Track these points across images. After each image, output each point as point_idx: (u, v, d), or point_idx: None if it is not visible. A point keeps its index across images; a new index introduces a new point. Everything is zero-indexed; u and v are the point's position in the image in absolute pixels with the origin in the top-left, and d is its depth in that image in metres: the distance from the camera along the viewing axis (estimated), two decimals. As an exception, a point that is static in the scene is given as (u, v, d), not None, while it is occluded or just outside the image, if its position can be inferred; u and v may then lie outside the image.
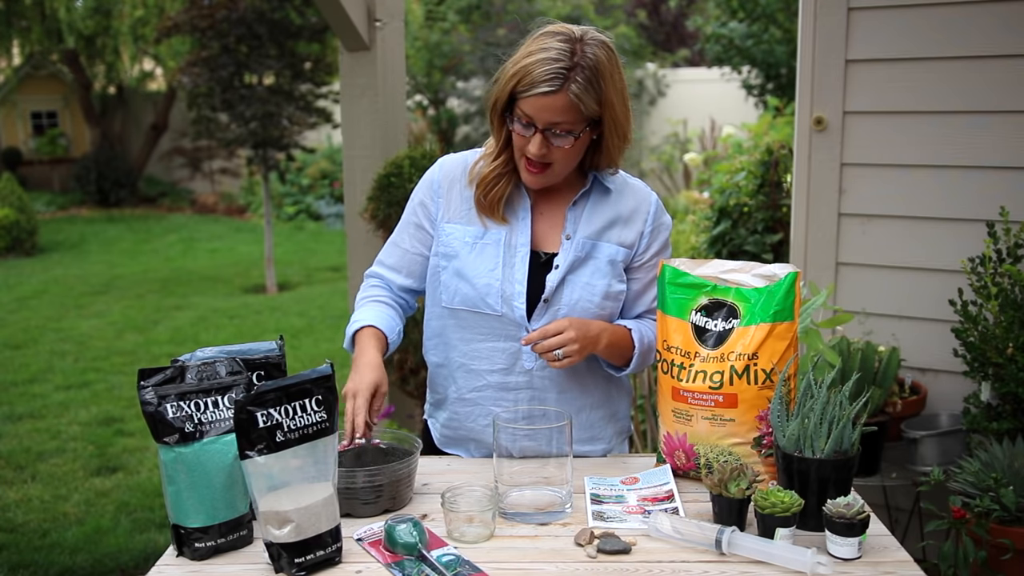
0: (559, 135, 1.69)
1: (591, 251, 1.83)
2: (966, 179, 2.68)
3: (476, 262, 1.81)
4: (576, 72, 1.64)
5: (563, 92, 1.64)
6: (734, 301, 1.71)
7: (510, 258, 1.81)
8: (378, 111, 3.77)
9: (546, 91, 1.64)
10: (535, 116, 1.67)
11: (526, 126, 1.69)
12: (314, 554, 1.42)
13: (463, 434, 1.93)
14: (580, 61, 1.65)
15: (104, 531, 3.70)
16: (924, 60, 2.70)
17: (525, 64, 1.66)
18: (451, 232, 1.85)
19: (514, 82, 1.67)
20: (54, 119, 15.86)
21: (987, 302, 2.41)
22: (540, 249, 1.83)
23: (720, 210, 3.73)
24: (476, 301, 1.81)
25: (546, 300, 1.81)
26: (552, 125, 1.68)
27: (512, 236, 1.82)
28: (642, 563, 1.45)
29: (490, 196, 1.81)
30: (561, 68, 1.64)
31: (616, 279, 1.84)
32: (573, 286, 1.81)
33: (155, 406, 1.46)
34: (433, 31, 11.61)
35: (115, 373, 6.01)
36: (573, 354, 1.74)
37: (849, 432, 1.54)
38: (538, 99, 1.65)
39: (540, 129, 1.68)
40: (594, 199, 1.86)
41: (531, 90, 1.65)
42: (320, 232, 11.81)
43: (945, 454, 2.54)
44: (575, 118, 1.68)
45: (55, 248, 10.88)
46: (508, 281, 1.80)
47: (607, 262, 1.83)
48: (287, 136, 8.30)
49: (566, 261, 1.81)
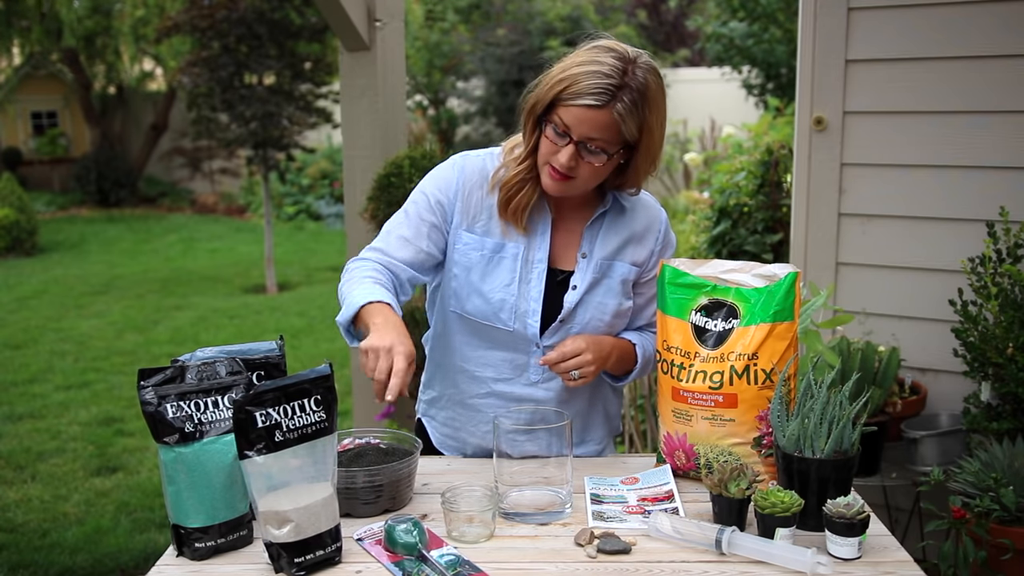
0: (593, 151, 1.65)
1: (606, 271, 1.82)
2: (966, 179, 2.68)
3: (492, 276, 1.78)
4: (625, 92, 1.61)
5: (608, 109, 1.61)
6: (734, 301, 1.71)
7: (526, 274, 1.78)
8: (378, 111, 3.77)
9: (592, 104, 1.60)
10: (573, 127, 1.63)
11: (561, 135, 1.65)
12: (314, 554, 1.42)
13: (463, 436, 1.93)
14: (630, 82, 1.62)
15: (104, 531, 3.70)
16: (924, 60, 2.70)
17: (575, 73, 1.62)
18: (468, 242, 1.79)
19: (560, 88, 1.63)
20: (54, 119, 15.86)
21: (987, 302, 2.41)
22: (555, 266, 1.81)
23: (720, 210, 3.73)
24: (488, 315, 1.79)
25: (562, 320, 1.80)
26: (588, 140, 1.64)
27: (530, 252, 1.79)
28: (642, 563, 1.45)
29: (514, 203, 1.75)
30: (611, 84, 1.60)
31: (626, 297, 1.85)
32: (587, 306, 1.81)
33: (155, 406, 1.46)
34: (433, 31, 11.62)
35: (115, 373, 6.01)
36: (588, 375, 1.76)
37: (849, 432, 1.54)
38: (582, 111, 1.61)
39: (575, 140, 1.64)
40: (610, 218, 1.84)
41: (576, 100, 1.61)
42: (320, 232, 11.80)
43: (945, 454, 2.53)
44: (613, 138, 1.65)
45: (55, 248, 10.88)
46: (523, 298, 1.78)
47: (620, 281, 1.83)
48: (287, 136, 8.30)
49: (584, 282, 1.80)
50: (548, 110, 1.67)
